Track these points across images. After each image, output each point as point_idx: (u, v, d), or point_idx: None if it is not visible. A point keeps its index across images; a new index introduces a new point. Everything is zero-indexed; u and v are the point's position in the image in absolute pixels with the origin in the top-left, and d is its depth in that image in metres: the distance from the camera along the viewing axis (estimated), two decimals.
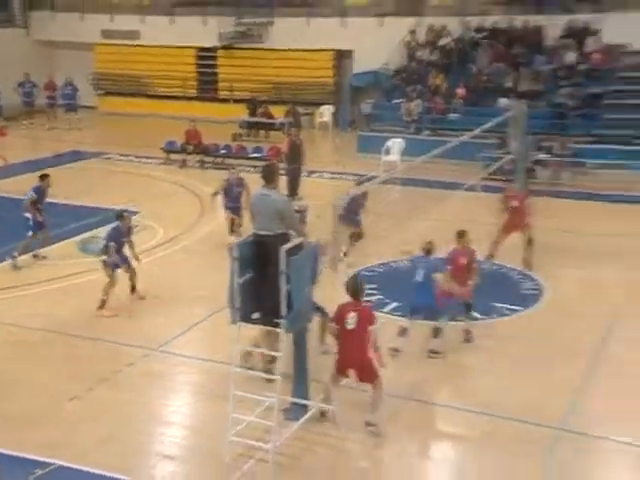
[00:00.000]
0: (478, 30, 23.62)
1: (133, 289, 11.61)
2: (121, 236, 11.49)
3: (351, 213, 12.06)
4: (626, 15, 21.60)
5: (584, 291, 11.89)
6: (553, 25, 22.61)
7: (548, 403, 8.51)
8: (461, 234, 10.13)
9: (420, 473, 7.70)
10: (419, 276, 9.53)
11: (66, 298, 11.73)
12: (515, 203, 12.62)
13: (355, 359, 7.81)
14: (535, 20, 22.91)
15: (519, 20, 23.17)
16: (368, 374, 7.88)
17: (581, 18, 22.22)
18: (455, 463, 7.80)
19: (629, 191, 16.99)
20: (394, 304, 11.24)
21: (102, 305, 11.15)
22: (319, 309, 8.95)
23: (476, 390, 8.90)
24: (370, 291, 11.73)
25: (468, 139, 14.61)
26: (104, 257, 11.34)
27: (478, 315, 10.71)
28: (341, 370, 7.97)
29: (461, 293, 9.82)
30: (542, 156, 18.35)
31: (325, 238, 9.09)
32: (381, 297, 11.57)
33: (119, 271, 11.38)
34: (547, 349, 9.85)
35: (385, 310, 11.03)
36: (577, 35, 22.07)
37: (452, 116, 21.70)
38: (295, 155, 17.00)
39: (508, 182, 15.01)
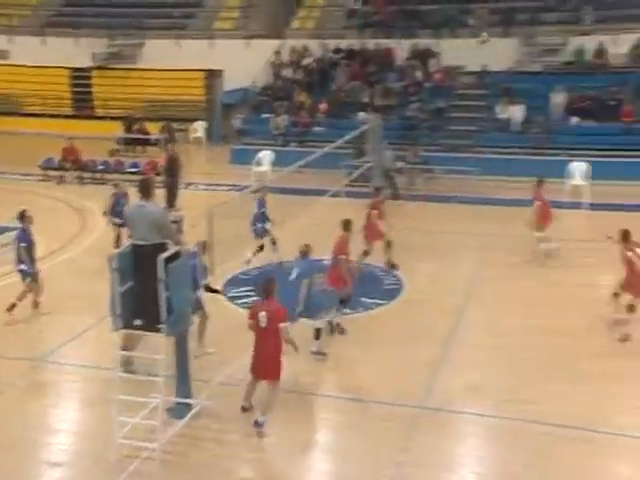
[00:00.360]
0: (336, 51, 24.24)
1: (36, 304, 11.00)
2: (30, 235, 10.87)
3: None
4: (460, 41, 22.99)
5: (438, 283, 12.37)
6: (401, 48, 23.61)
7: (409, 384, 8.78)
8: (346, 223, 10.27)
9: (297, 458, 7.71)
10: (292, 277, 9.55)
11: None
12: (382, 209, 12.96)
13: (265, 355, 7.69)
14: (385, 43, 23.82)
15: (371, 43, 24.01)
16: (272, 372, 7.74)
17: (423, 42, 23.32)
18: (326, 446, 7.88)
19: (472, 193, 17.85)
20: None
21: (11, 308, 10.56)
22: (201, 309, 8.83)
23: (348, 378, 9.07)
24: (247, 293, 11.73)
25: (331, 150, 14.93)
26: (21, 266, 10.68)
27: (348, 310, 10.91)
28: (255, 368, 7.79)
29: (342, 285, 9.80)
30: (399, 164, 18.95)
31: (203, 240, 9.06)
32: (258, 298, 11.50)
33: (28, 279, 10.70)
34: (407, 336, 10.16)
35: None
36: (421, 57, 23.13)
37: (316, 129, 22.06)
38: (173, 168, 16.66)
39: (367, 188, 15.43)
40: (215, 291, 9.95)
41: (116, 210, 13.34)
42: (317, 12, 26.33)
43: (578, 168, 17.63)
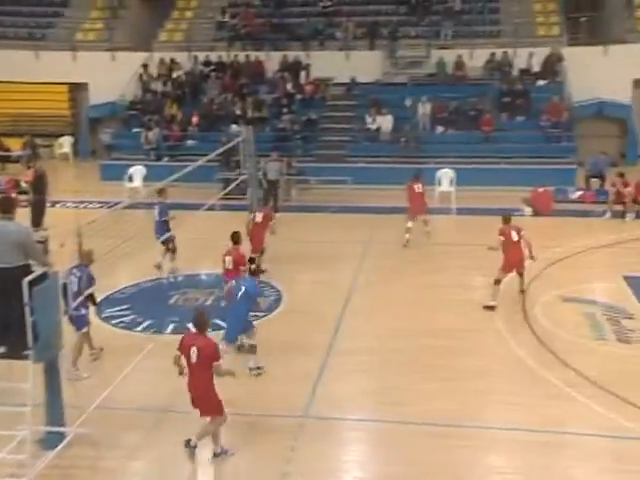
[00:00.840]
0: (206, 64, 24.07)
1: None
2: None
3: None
4: (328, 53, 23.58)
5: (317, 292, 12.51)
6: (271, 60, 23.83)
7: (292, 395, 8.80)
8: (235, 236, 10.38)
9: (179, 478, 7.51)
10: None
11: None
12: (259, 219, 12.98)
13: (198, 391, 7.28)
14: (255, 55, 23.95)
15: (241, 55, 24.05)
16: (207, 408, 7.37)
17: (293, 55, 23.68)
18: (213, 464, 7.72)
19: (347, 202, 18.27)
20: (147, 322, 10.93)
21: None
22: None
23: (229, 392, 8.91)
24: (123, 312, 11.34)
25: (204, 163, 14.76)
26: None
27: (224, 324, 10.79)
28: (192, 402, 7.37)
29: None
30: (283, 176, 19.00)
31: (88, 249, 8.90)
32: (134, 317, 11.18)
33: None
34: (288, 347, 10.18)
35: (138, 329, 10.69)
36: (291, 69, 23.46)
37: (189, 142, 21.77)
38: (39, 186, 15.88)
39: (243, 200, 15.41)
40: (95, 303, 9.55)
41: None
42: (185, 24, 26.01)
43: (445, 175, 18.52)
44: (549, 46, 22.45)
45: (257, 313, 10.66)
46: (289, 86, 22.93)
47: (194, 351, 7.19)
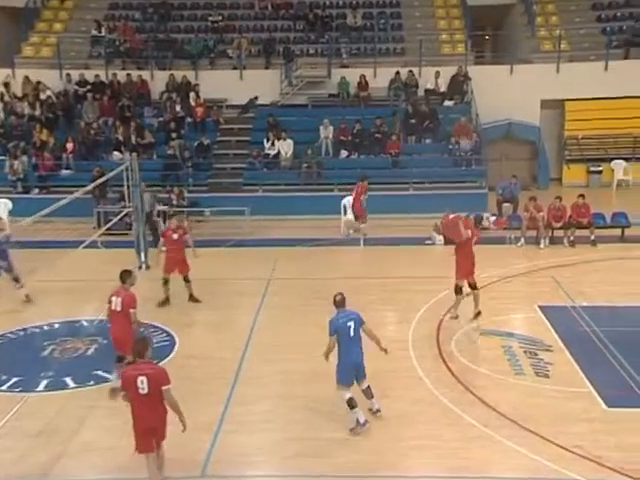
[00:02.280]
0: (80, 84, 23.58)
1: None
2: None
3: None
4: (220, 72, 23.74)
5: (214, 335, 12.40)
6: (156, 80, 23.69)
7: (188, 452, 8.61)
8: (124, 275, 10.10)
9: None
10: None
11: None
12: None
13: (153, 422, 7.50)
14: (138, 74, 23.71)
15: (121, 74, 23.75)
16: (162, 435, 7.67)
17: (180, 74, 23.64)
18: None
19: (243, 236, 18.30)
20: (14, 379, 10.46)
21: None
22: None
23: (115, 456, 8.64)
24: None
25: (81, 195, 14.45)
26: None
27: (109, 375, 10.52)
28: (145, 442, 7.53)
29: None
30: (161, 208, 18.77)
31: None
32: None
33: None
34: (184, 397, 9.97)
35: (3, 388, 10.21)
36: (180, 90, 23.39)
37: (64, 172, 21.21)
38: None
39: (128, 235, 15.12)
40: None
41: None
42: (53, 38, 25.35)
43: (350, 203, 18.84)
44: (455, 65, 23.54)
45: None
46: (177, 108, 22.85)
47: (142, 381, 7.34)
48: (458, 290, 12.43)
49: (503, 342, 11.61)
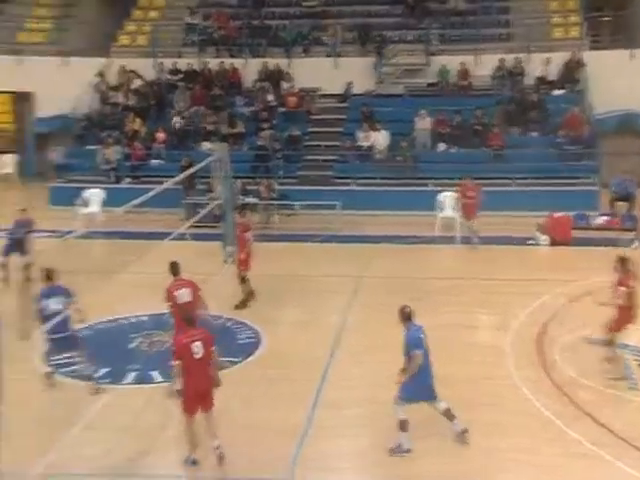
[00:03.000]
0: (173, 72, 24.19)
1: None
2: None
3: None
4: (314, 60, 23.80)
5: (302, 334, 12.52)
6: (248, 68, 24.04)
7: (272, 454, 8.73)
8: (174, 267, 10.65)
9: None
10: None
11: None
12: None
13: (205, 386, 8.37)
14: (230, 63, 24.14)
15: (214, 63, 24.21)
16: (210, 401, 8.47)
17: (274, 62, 23.89)
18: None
19: (335, 231, 18.37)
20: (103, 370, 10.90)
21: None
22: None
23: (198, 454, 8.88)
24: (73, 359, 11.24)
25: (172, 185, 14.86)
26: None
27: None
28: (192, 406, 8.34)
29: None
30: (250, 200, 19.11)
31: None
32: (87, 364, 11.10)
33: None
34: (267, 398, 10.17)
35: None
36: (272, 78, 23.68)
37: (154, 162, 21.85)
38: None
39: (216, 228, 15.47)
40: None
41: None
42: (149, 27, 26.10)
43: (448, 199, 18.61)
44: (568, 50, 22.79)
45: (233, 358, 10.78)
46: (269, 97, 23.15)
47: (197, 345, 8.26)
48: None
49: (615, 353, 11.22)
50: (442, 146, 21.78)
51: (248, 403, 10.04)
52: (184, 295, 10.44)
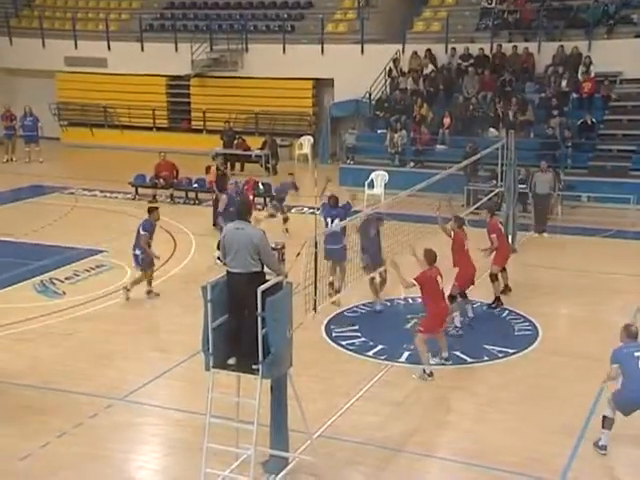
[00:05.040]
0: (464, 57, 24.06)
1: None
2: (153, 227, 13.32)
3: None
4: (617, 42, 22.21)
5: (577, 331, 12.03)
6: (543, 52, 23.15)
7: (545, 452, 8.49)
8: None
9: None
10: None
11: (17, 344, 11.51)
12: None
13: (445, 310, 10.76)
14: (524, 47, 23.42)
15: (508, 47, 23.67)
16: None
17: (571, 45, 22.74)
18: None
19: (628, 227, 17.22)
20: (379, 346, 11.27)
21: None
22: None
23: (468, 440, 8.87)
24: (353, 333, 11.79)
25: (455, 171, 14.84)
26: (136, 252, 13.13)
27: (468, 358, 10.80)
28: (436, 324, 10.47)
29: None
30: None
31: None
32: (365, 339, 11.60)
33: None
34: (545, 394, 9.87)
35: (369, 354, 11.09)
36: (568, 62, 22.57)
37: (438, 147, 21.98)
38: (222, 185, 17.53)
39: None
40: None
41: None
42: (444, 12, 26.12)
43: None
44: None
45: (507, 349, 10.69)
46: (563, 83, 22.12)
47: (439, 279, 10.33)
48: None
49: None
50: None
51: (522, 396, 9.83)
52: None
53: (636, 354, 8.43)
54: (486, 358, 11.00)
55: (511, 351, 11.22)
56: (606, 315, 12.58)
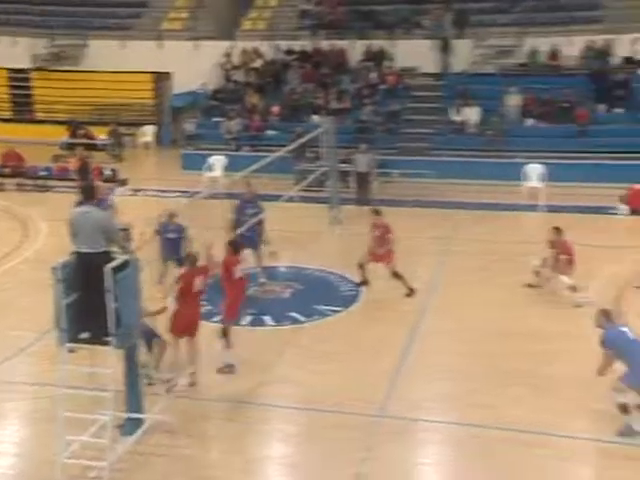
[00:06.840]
0: (288, 53, 24.27)
1: None
2: None
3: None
4: (414, 42, 23.26)
5: (393, 289, 12.35)
6: (354, 49, 23.78)
7: (368, 393, 8.80)
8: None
9: (252, 473, 7.66)
10: None
11: None
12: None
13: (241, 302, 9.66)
14: (339, 44, 23.95)
15: (325, 44, 24.10)
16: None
17: (377, 43, 23.52)
18: (283, 460, 7.81)
19: (429, 197, 18.05)
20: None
21: None
22: (156, 336, 8.75)
23: (302, 389, 9.03)
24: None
25: (285, 154, 14.95)
26: None
27: (302, 317, 10.98)
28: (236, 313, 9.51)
29: None
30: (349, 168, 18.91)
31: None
32: (209, 308, 11.45)
33: None
34: (366, 343, 10.22)
35: (215, 320, 10.96)
36: (375, 58, 23.34)
37: (269, 133, 22.05)
38: (84, 173, 16.89)
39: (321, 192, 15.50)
40: None
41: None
42: (268, 13, 26.27)
43: (534, 170, 17.99)
44: None
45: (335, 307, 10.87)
46: (372, 76, 22.84)
47: (239, 268, 9.47)
48: None
49: None
50: (530, 121, 20.94)
51: (348, 346, 10.13)
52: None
53: (630, 336, 7.81)
54: (317, 317, 11.22)
55: (338, 309, 11.51)
56: (418, 273, 13.04)
